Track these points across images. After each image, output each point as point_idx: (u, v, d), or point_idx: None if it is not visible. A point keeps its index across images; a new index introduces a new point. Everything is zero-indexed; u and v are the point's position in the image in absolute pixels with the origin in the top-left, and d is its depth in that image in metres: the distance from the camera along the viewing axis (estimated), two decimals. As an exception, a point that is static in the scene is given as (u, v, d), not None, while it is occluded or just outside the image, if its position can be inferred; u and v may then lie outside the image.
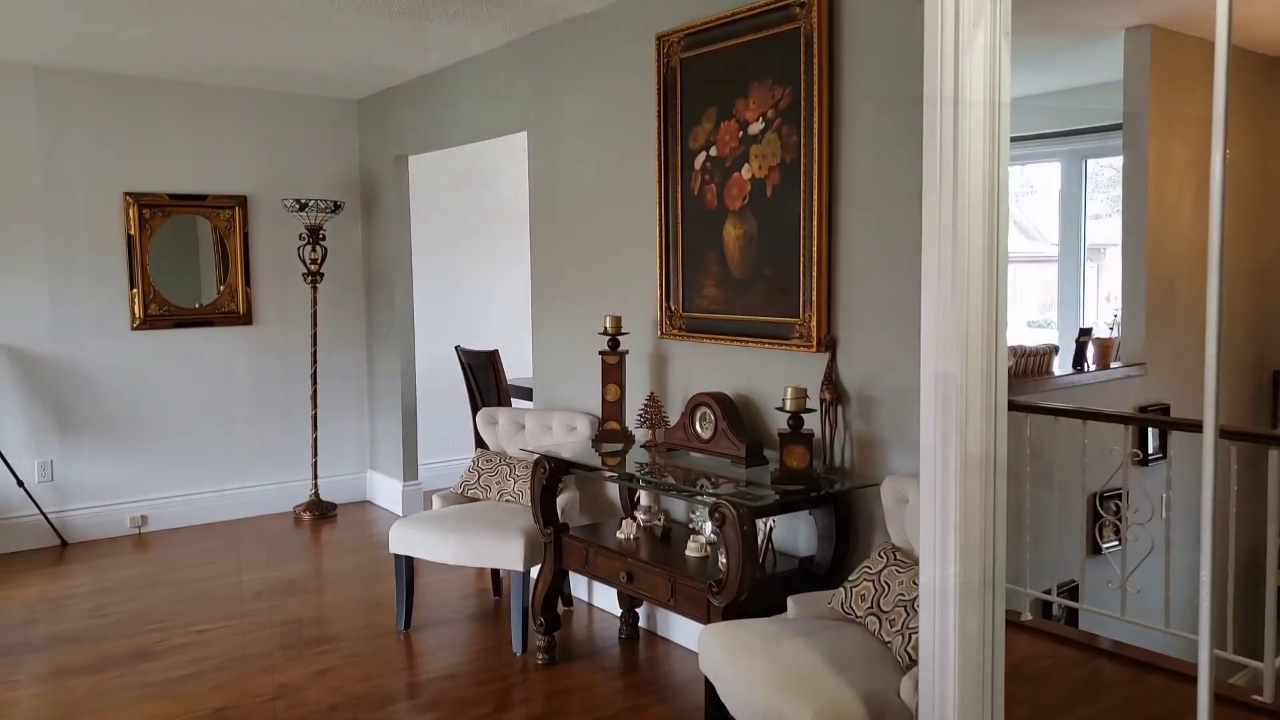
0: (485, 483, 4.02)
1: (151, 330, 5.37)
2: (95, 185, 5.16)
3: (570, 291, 4.15)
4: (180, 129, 5.38)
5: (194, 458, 5.53)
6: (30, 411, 5.06)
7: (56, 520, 5.14)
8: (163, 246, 5.39)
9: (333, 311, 5.92)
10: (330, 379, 5.92)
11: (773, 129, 3.05)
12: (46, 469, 5.12)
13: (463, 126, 4.90)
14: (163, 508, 5.44)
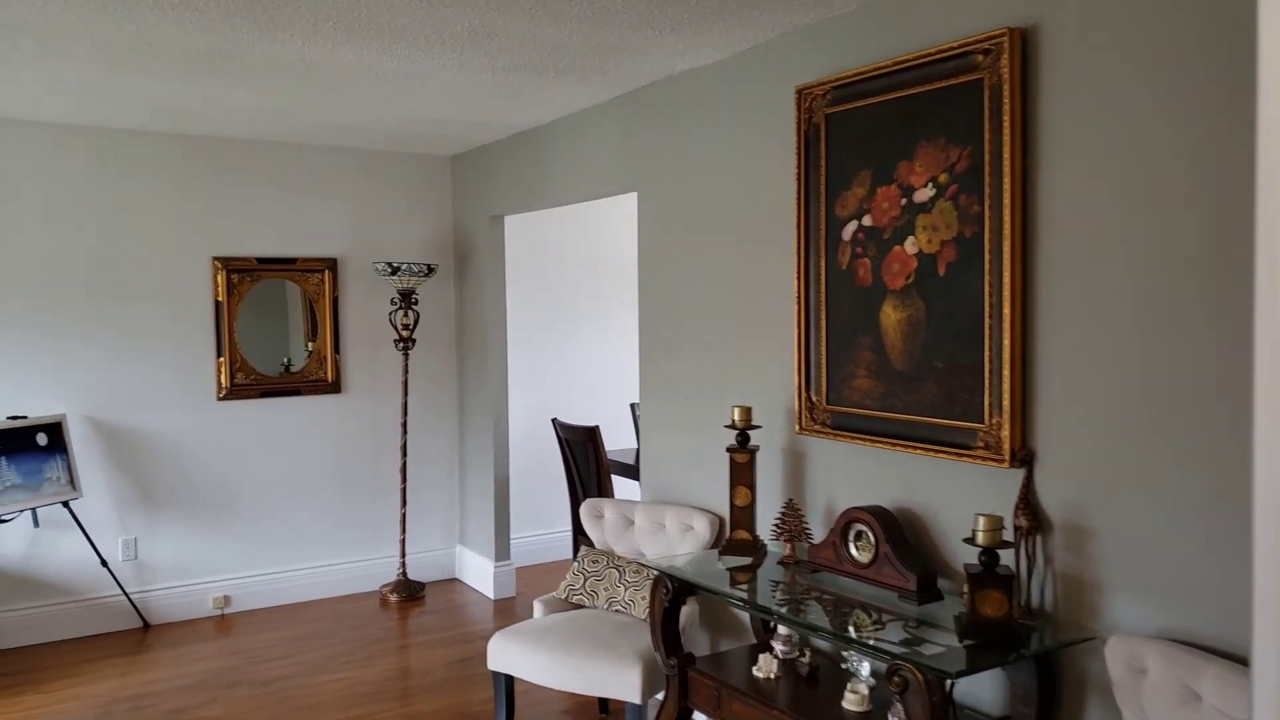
0: (592, 588, 3.58)
1: (238, 400, 5.12)
2: (184, 250, 4.95)
3: (685, 371, 3.71)
4: (269, 190, 5.16)
5: (278, 534, 5.24)
6: (115, 486, 4.83)
7: (139, 601, 4.88)
8: (249, 312, 5.15)
9: (423, 379, 5.60)
10: (419, 450, 5.59)
11: (946, 196, 2.56)
12: (130, 547, 4.88)
13: (565, 186, 4.53)
14: (246, 587, 5.14)
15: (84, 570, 4.76)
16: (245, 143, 5.07)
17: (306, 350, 5.29)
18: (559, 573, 5.72)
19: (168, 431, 4.94)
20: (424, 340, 5.58)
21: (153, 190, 4.86)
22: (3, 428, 4.38)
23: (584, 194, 4.40)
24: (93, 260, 4.74)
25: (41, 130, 4.60)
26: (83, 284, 4.72)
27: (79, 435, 4.74)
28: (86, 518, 4.76)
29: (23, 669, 4.34)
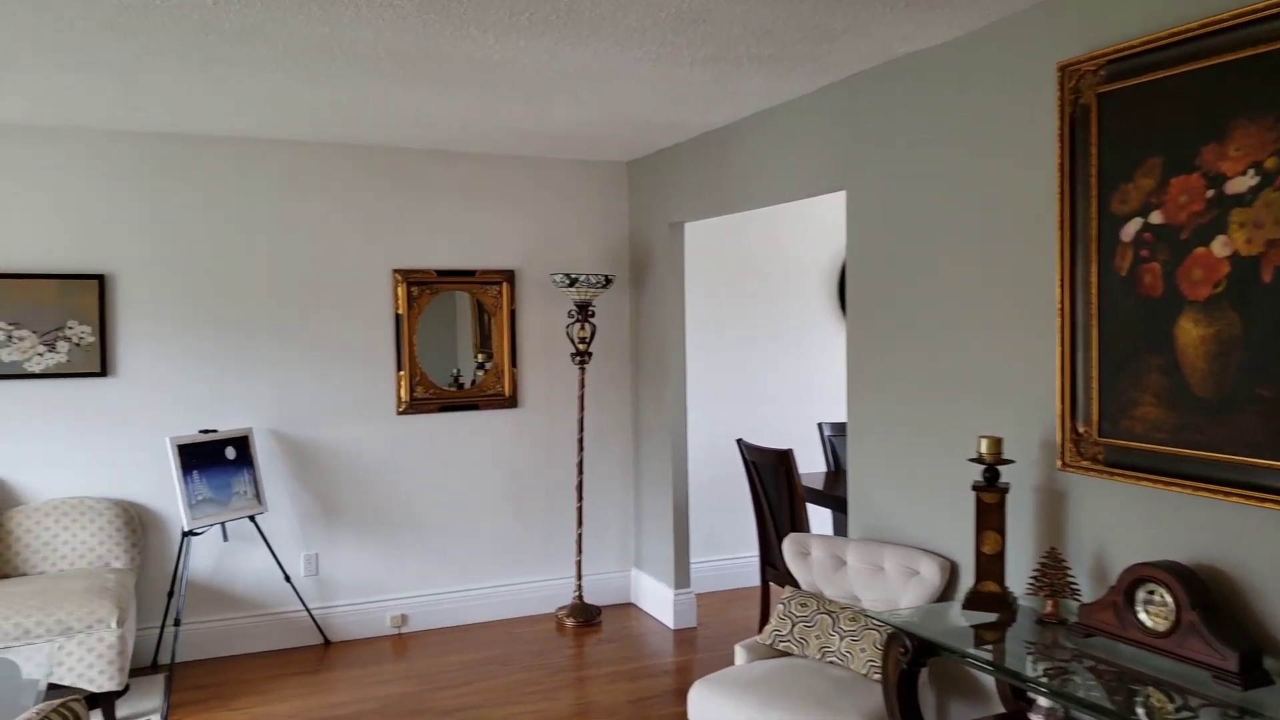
0: (801, 635, 3.21)
1: (416, 414, 5.03)
2: (365, 263, 4.91)
3: (906, 393, 3.29)
4: (448, 201, 5.06)
5: (454, 552, 5.12)
6: (298, 500, 4.82)
7: (320, 617, 4.85)
8: (427, 325, 5.05)
9: (599, 394, 5.38)
10: (594, 468, 5.37)
11: (1275, 186, 2.08)
12: (312, 562, 4.85)
13: (756, 188, 4.20)
14: (422, 606, 5.04)
15: (268, 585, 4.76)
16: (425, 153, 4.99)
17: (475, 363, 5.16)
18: (741, 603, 5.38)
19: (348, 446, 4.90)
20: (599, 354, 5.36)
21: (336, 203, 4.84)
22: (195, 441, 4.41)
23: (780, 196, 4.05)
24: (277, 274, 4.75)
25: (232, 145, 4.64)
26: (268, 298, 4.74)
27: (263, 449, 4.75)
28: (271, 532, 4.76)
29: (212, 682, 4.35)
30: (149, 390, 4.55)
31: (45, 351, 4.38)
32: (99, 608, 3.82)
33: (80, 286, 4.43)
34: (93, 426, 4.47)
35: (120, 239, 4.48)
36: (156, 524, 4.58)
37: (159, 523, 4.58)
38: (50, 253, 4.38)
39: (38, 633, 3.70)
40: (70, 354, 4.42)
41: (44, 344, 4.38)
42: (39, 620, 3.72)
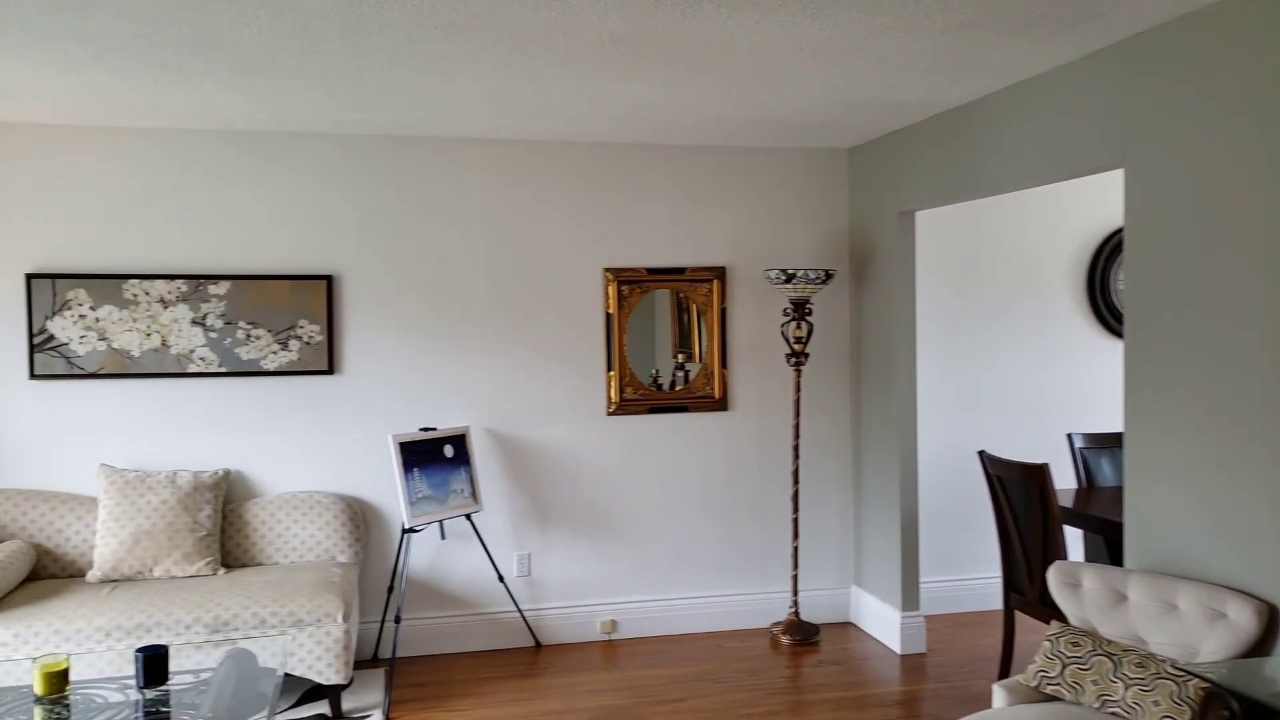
0: (1074, 678, 2.79)
1: (626, 416, 4.90)
2: (577, 261, 4.82)
3: (1206, 396, 2.80)
4: (657, 197, 4.89)
5: (665, 559, 4.95)
6: (511, 500, 4.79)
7: (531, 619, 4.80)
8: (645, 322, 4.91)
9: (815, 398, 5.06)
10: (810, 477, 5.06)
11: None
12: (524, 563, 4.82)
13: (1009, 169, 3.76)
14: (633, 612, 4.90)
15: (483, 584, 4.76)
16: (635, 148, 4.85)
17: (674, 363, 4.96)
18: (974, 628, 4.92)
19: (560, 445, 4.83)
20: (817, 355, 5.05)
21: (548, 202, 4.78)
22: (415, 439, 4.45)
23: (1037, 177, 3.61)
24: (492, 274, 4.74)
25: (449, 146, 4.67)
26: (483, 297, 4.73)
27: (478, 447, 4.75)
28: (485, 531, 4.76)
29: (429, 680, 4.37)
30: (372, 387, 4.64)
31: (279, 350, 4.55)
32: (327, 601, 3.89)
33: (310, 287, 4.57)
34: (320, 422, 4.60)
35: (345, 240, 4.59)
36: (377, 520, 4.66)
37: (380, 518, 4.67)
38: (284, 254, 4.54)
39: (272, 623, 3.80)
40: (301, 352, 4.57)
41: (278, 342, 4.54)
42: (274, 611, 3.82)
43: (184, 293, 4.44)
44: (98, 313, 4.37)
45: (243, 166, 4.48)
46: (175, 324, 4.44)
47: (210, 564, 4.18)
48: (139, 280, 4.40)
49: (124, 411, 4.41)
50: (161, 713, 2.96)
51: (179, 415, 4.46)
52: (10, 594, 3.91)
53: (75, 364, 4.36)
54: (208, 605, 3.80)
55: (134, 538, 4.10)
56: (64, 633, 3.63)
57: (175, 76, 3.47)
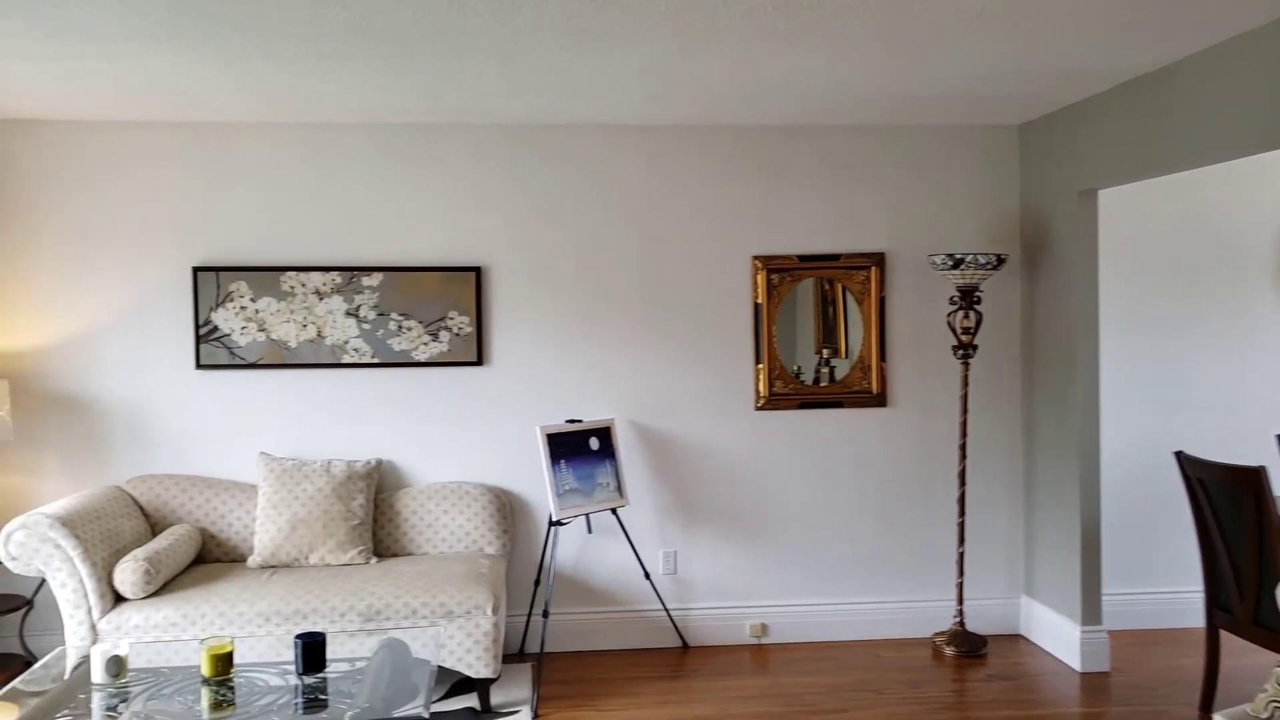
0: (1318, 711, 2.43)
1: (776, 411, 4.69)
2: (725, 249, 4.64)
3: None
4: (810, 181, 4.66)
5: (818, 561, 4.71)
6: (656, 495, 4.66)
7: (678, 618, 4.65)
8: (785, 315, 4.69)
9: (984, 393, 4.72)
10: (978, 478, 4.72)
11: None
12: (670, 560, 4.67)
13: (1214, 139, 3.37)
14: (783, 616, 4.69)
15: (628, 581, 4.64)
16: (785, 130, 4.64)
17: (817, 359, 4.69)
18: (1165, 646, 4.48)
19: (706, 440, 4.66)
20: (985, 347, 4.71)
21: (695, 188, 4.62)
22: (562, 431, 4.37)
23: (1245, 147, 3.20)
24: (638, 264, 4.62)
25: (595, 133, 4.57)
26: (629, 287, 4.62)
27: (623, 440, 4.64)
28: (630, 526, 4.64)
29: (575, 677, 4.28)
30: (519, 379, 4.59)
31: (430, 341, 4.55)
32: (476, 593, 3.84)
33: (459, 279, 4.55)
34: (469, 413, 4.58)
35: (493, 232, 4.56)
36: (524, 512, 4.61)
37: (526, 511, 4.61)
38: (434, 246, 4.54)
39: (423, 613, 3.78)
40: (451, 343, 4.56)
41: (429, 334, 4.55)
42: (424, 602, 3.80)
43: (338, 284, 4.50)
44: (258, 304, 4.48)
45: (394, 159, 4.50)
46: (330, 315, 4.51)
47: (363, 553, 4.21)
48: (296, 272, 4.48)
49: (281, 401, 4.50)
50: (320, 700, 2.95)
51: (333, 405, 4.53)
52: (179, 576, 4.03)
53: (237, 354, 4.48)
54: (361, 594, 3.81)
55: (291, 525, 4.17)
56: (227, 615, 3.70)
57: (331, 65, 3.48)
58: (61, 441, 4.40)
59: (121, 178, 4.40)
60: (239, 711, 2.84)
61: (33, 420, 4.38)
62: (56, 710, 2.87)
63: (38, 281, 4.38)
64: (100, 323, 4.41)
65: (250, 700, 2.92)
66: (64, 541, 3.67)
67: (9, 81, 3.64)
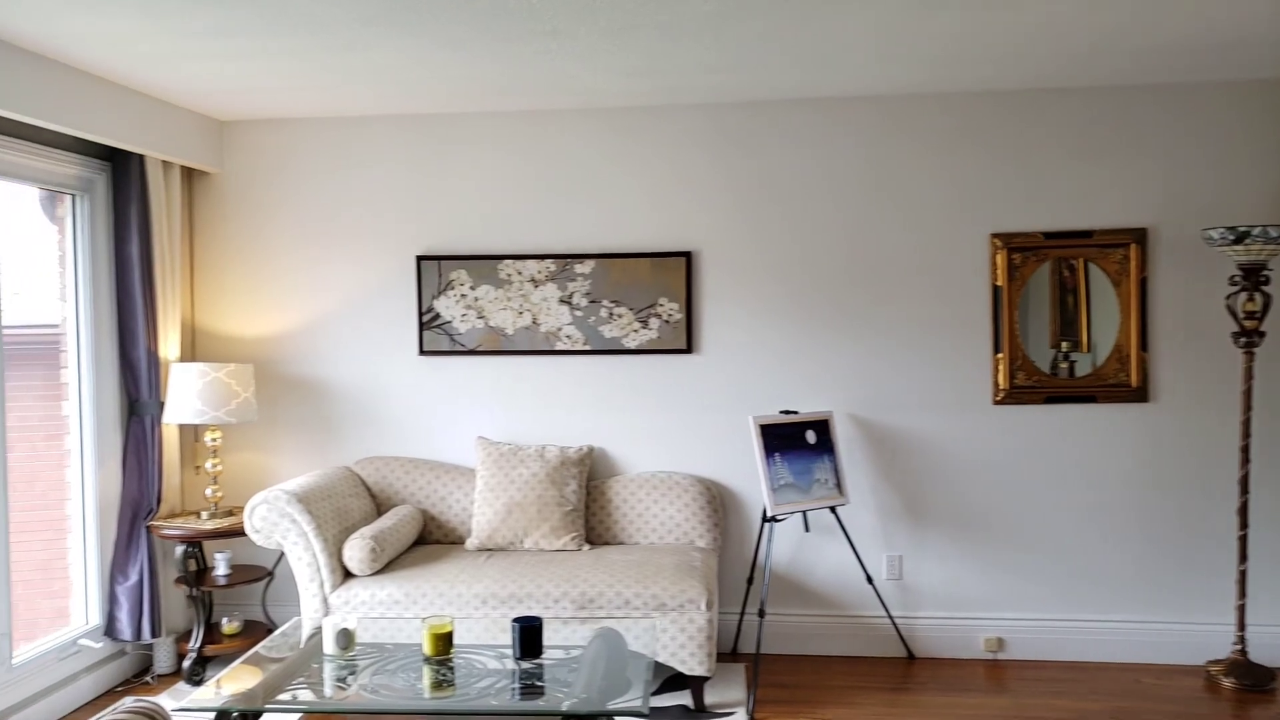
0: None
1: (1017, 405, 4.25)
2: (957, 227, 4.26)
3: None
4: (1056, 149, 4.19)
5: (1064, 574, 4.23)
6: (879, 494, 4.34)
7: (904, 627, 4.31)
8: (1029, 299, 4.24)
9: (1272, 388, 4.08)
10: (1264, 486, 4.08)
11: None
12: (895, 565, 4.34)
13: None
14: (1023, 631, 4.24)
15: (848, 584, 4.35)
16: (1028, 94, 4.19)
17: (1054, 353, 4.19)
18: None
19: (935, 437, 4.29)
20: (1274, 333, 4.07)
21: (923, 163, 4.26)
22: (776, 422, 4.15)
23: None
24: (858, 245, 4.31)
25: (811, 108, 4.31)
26: (848, 271, 4.32)
27: (843, 435, 4.35)
28: (851, 526, 4.35)
29: (792, 681, 4.04)
30: (729, 367, 4.41)
31: (640, 328, 4.45)
32: (690, 587, 3.69)
33: (670, 264, 4.43)
34: (678, 402, 4.44)
35: (704, 216, 4.40)
36: (734, 505, 4.42)
37: (736, 504, 4.42)
38: (645, 232, 4.44)
39: (636, 604, 3.67)
40: (660, 330, 4.44)
41: (639, 320, 4.45)
42: (637, 593, 3.69)
43: (552, 272, 4.49)
44: (476, 292, 4.53)
45: (606, 143, 4.44)
46: (544, 303, 4.50)
47: (575, 539, 4.16)
48: (512, 260, 4.50)
49: (498, 386, 4.54)
50: (536, 686, 2.88)
51: (547, 391, 4.51)
52: (402, 555, 4.12)
53: (457, 341, 4.55)
54: (574, 581, 3.75)
55: (507, 509, 4.18)
56: (446, 596, 3.73)
57: (550, 45, 3.42)
58: (298, 423, 4.64)
59: (352, 172, 4.58)
60: (458, 693, 2.82)
61: (273, 402, 4.64)
62: (293, 677, 2.95)
63: (278, 272, 4.63)
64: (332, 311, 4.61)
65: (469, 682, 2.89)
66: (299, 517, 3.83)
67: (250, 82, 3.83)
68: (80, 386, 4.07)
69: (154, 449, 4.16)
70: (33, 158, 3.74)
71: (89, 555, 4.09)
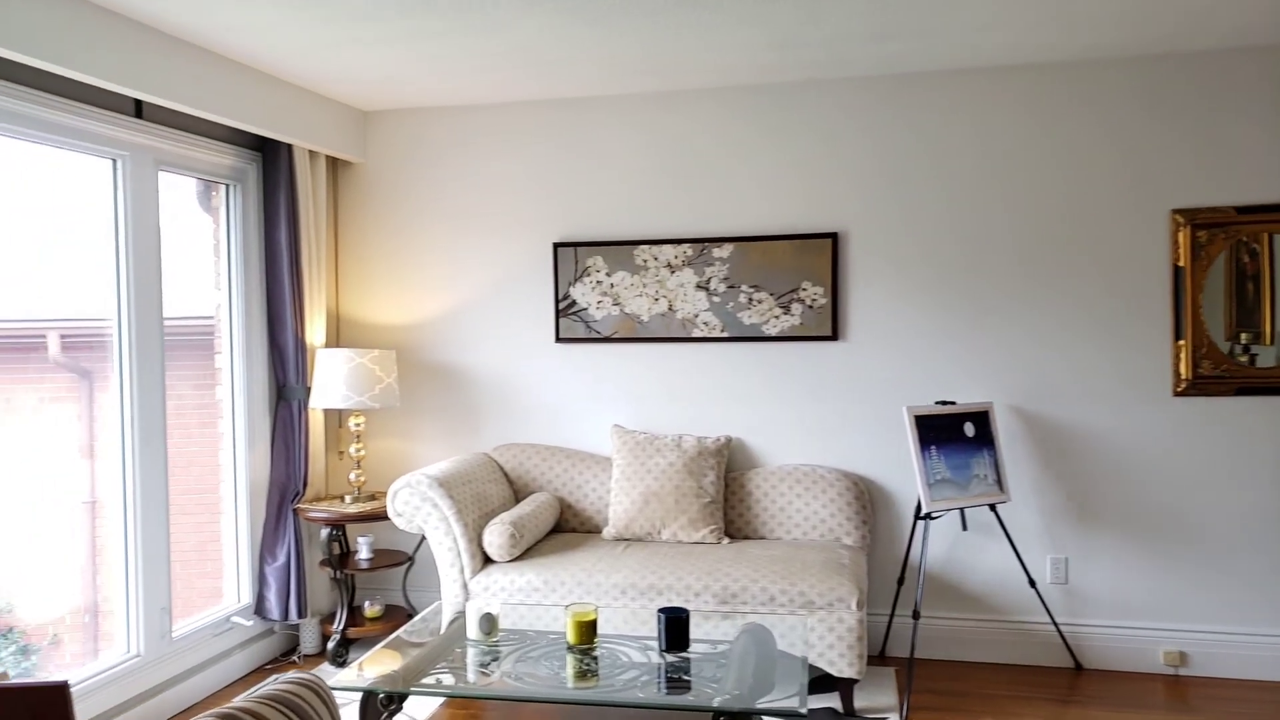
0: None
1: (1201, 397, 3.87)
2: (1129, 204, 3.91)
3: None
4: (1251, 111, 3.79)
5: (1260, 583, 3.83)
6: (1042, 492, 4.03)
7: (1070, 635, 3.99)
8: (1216, 281, 3.85)
9: None
10: None
11: None
12: (1060, 568, 4.02)
13: None
14: (1210, 645, 3.86)
15: (1008, 587, 4.06)
16: (1209, 55, 3.80)
17: (1230, 344, 3.77)
18: None
19: (1106, 431, 3.95)
20: None
21: (1093, 134, 3.93)
22: (932, 413, 3.89)
23: None
24: (1020, 224, 4.01)
25: (965, 78, 4.03)
26: (1010, 252, 4.03)
27: (1004, 429, 4.06)
28: (1012, 526, 4.05)
29: (948, 688, 3.79)
30: (879, 356, 4.18)
31: (780, 314, 4.27)
32: (838, 585, 3.49)
33: (813, 246, 4.23)
34: (822, 392, 4.24)
35: (850, 195, 4.18)
36: (883, 501, 4.19)
37: (885, 500, 4.19)
38: (786, 213, 4.25)
39: (781, 601, 3.50)
40: (803, 316, 4.25)
41: (780, 306, 4.27)
42: (783, 589, 3.51)
43: (689, 257, 4.36)
44: (612, 278, 4.44)
45: (744, 124, 4.27)
46: (681, 289, 4.37)
47: (714, 532, 4.02)
48: (648, 246, 4.39)
49: (634, 374, 4.44)
50: (683, 680, 2.75)
51: (683, 379, 4.39)
52: (539, 543, 4.07)
53: (593, 328, 4.47)
54: (715, 574, 3.60)
55: (644, 499, 4.07)
56: (585, 585, 3.65)
57: (690, 17, 3.29)
58: (437, 408, 4.65)
59: (490, 160, 4.56)
60: (603, 684, 2.71)
61: (413, 388, 4.67)
62: (435, 661, 2.91)
63: (419, 260, 4.66)
64: (471, 298, 4.61)
65: (613, 673, 2.79)
66: (440, 501, 3.81)
67: (391, 70, 3.84)
68: (233, 372, 4.18)
69: (300, 433, 4.24)
70: (193, 149, 3.85)
71: (240, 536, 4.19)
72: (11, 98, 3.05)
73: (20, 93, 3.07)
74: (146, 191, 3.63)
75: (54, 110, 3.20)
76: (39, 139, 3.19)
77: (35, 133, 3.16)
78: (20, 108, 3.09)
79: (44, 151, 3.29)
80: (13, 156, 3.22)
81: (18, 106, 3.08)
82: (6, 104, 3.04)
